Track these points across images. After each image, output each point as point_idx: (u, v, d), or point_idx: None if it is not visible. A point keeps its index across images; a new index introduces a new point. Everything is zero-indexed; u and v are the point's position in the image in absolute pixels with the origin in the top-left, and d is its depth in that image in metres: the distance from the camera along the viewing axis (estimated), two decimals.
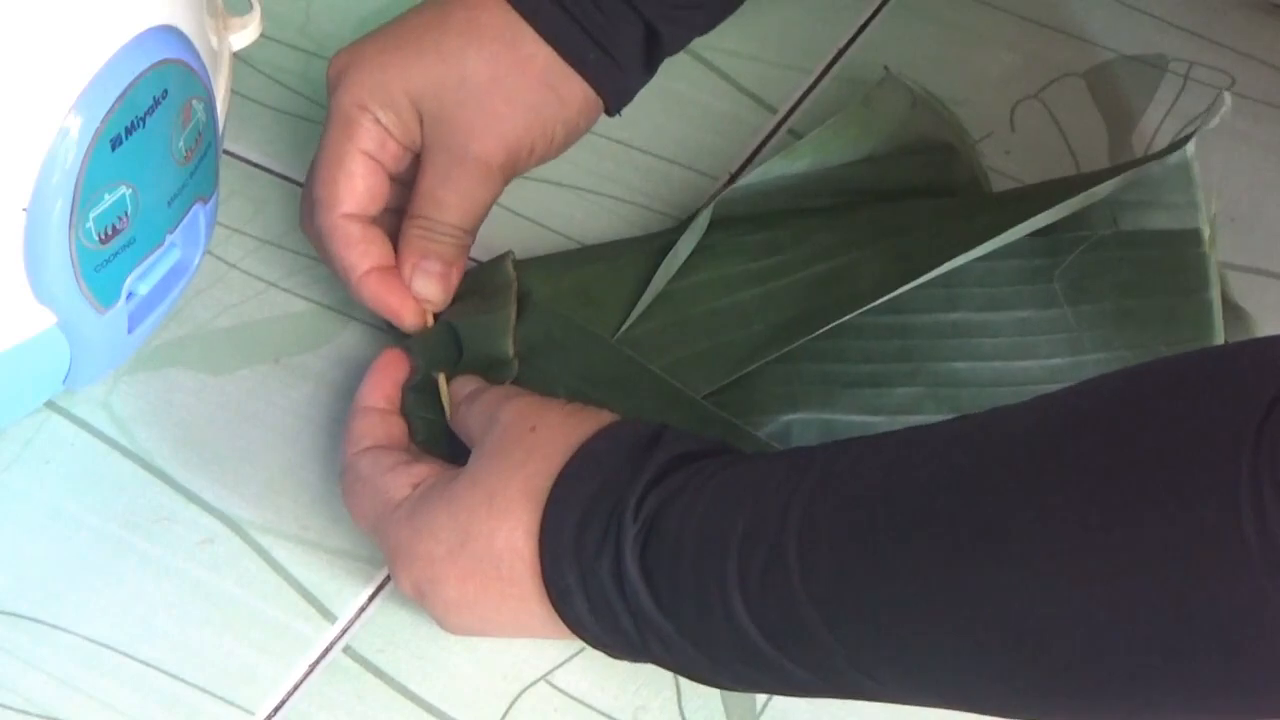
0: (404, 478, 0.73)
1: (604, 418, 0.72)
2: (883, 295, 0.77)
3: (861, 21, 0.93)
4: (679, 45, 0.84)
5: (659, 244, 0.82)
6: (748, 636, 0.65)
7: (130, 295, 0.75)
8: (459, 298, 0.80)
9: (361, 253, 0.79)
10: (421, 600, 0.72)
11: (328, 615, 0.75)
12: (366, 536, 0.76)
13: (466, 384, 0.77)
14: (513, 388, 0.77)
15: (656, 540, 0.67)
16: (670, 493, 0.68)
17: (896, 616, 0.63)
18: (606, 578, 0.67)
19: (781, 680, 0.67)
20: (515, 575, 0.69)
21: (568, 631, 0.70)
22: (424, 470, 0.73)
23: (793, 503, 0.65)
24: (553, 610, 0.69)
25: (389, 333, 0.80)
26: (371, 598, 0.76)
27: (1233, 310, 0.80)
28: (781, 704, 0.73)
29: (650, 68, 0.83)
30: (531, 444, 0.71)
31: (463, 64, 0.80)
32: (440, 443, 0.76)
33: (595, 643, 0.70)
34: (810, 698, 0.69)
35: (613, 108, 0.83)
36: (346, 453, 0.75)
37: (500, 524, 0.69)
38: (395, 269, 0.80)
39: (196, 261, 0.79)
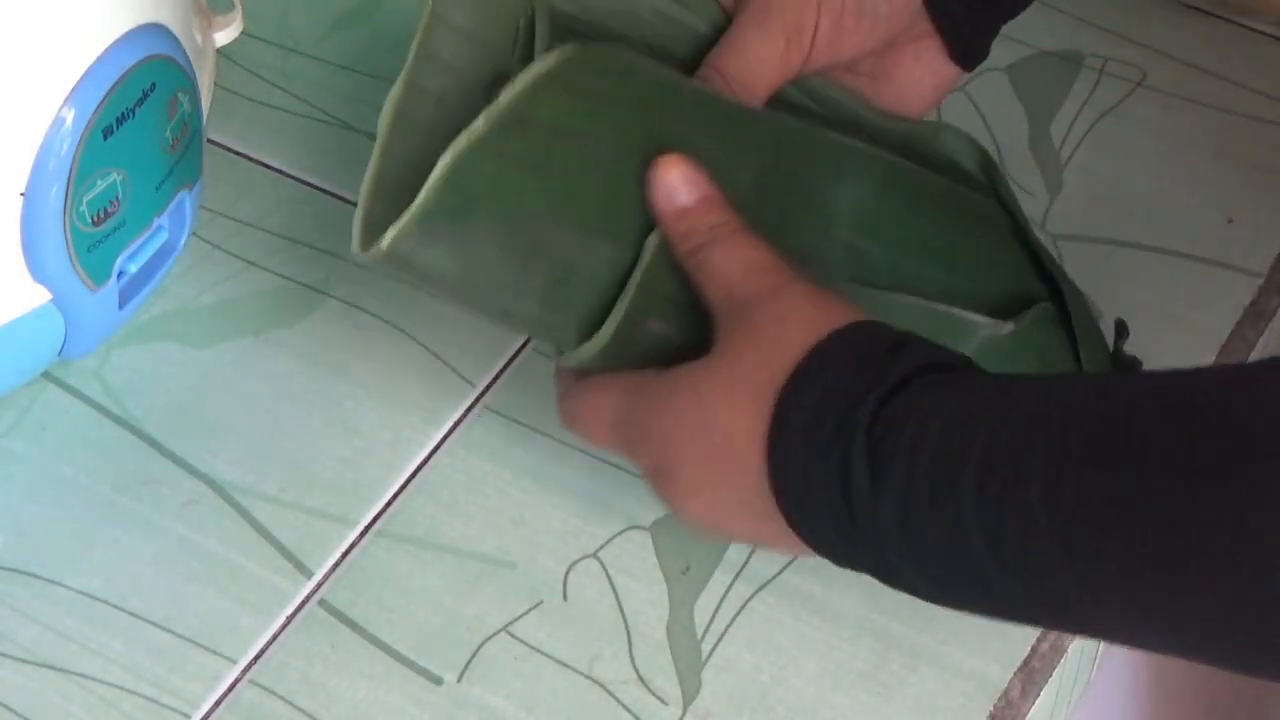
0: (631, 375, 0.71)
1: (848, 312, 0.67)
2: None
3: None
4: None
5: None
6: (970, 549, 0.61)
7: (121, 274, 0.77)
8: None
9: None
10: (657, 479, 0.70)
11: (304, 570, 0.76)
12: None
13: (691, 177, 0.71)
14: (755, 246, 0.70)
15: (890, 444, 0.63)
16: (909, 400, 0.64)
17: (1149, 555, 0.58)
18: (833, 479, 0.64)
19: (990, 597, 0.63)
20: (747, 466, 0.66)
21: (788, 532, 0.67)
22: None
23: (1045, 420, 0.61)
24: (777, 506, 0.66)
25: None
26: (345, 554, 0.77)
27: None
28: (726, 652, 0.75)
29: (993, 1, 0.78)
30: (779, 332, 0.67)
31: None
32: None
33: (812, 541, 0.66)
34: (1014, 621, 0.65)
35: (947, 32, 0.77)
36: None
37: (738, 416, 0.66)
38: None
39: (182, 242, 0.80)
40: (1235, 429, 0.57)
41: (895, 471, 0.63)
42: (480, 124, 0.66)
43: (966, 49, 0.78)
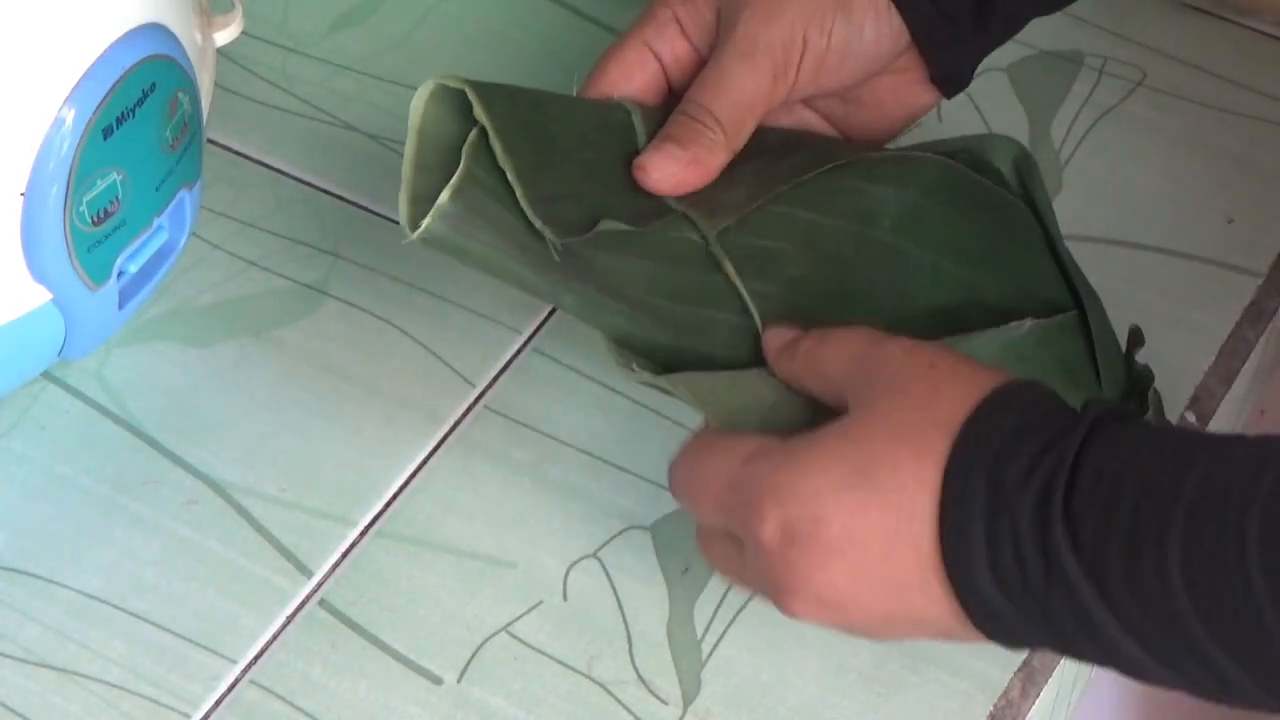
0: (754, 438, 0.67)
1: (997, 370, 0.65)
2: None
3: None
4: (1018, 15, 0.78)
5: None
6: (1180, 615, 0.58)
7: (121, 273, 0.77)
8: None
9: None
10: (790, 544, 0.64)
11: (304, 570, 0.77)
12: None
13: (782, 333, 0.71)
14: (861, 327, 0.69)
15: (1085, 489, 0.59)
16: (1105, 444, 0.60)
17: None
18: (1025, 517, 0.60)
19: (1210, 674, 0.59)
20: (914, 508, 0.62)
21: (944, 601, 0.62)
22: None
23: (1263, 476, 0.57)
24: (940, 559, 0.62)
25: None
26: (345, 554, 0.77)
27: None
28: (726, 652, 0.75)
29: (984, 28, 0.77)
30: (936, 378, 0.64)
31: None
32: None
33: (977, 605, 0.62)
34: (1231, 704, 0.60)
35: (933, 60, 0.77)
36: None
37: (906, 452, 0.63)
38: None
39: (182, 242, 0.80)
40: None
41: (1092, 532, 0.59)
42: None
43: (950, 77, 0.78)
